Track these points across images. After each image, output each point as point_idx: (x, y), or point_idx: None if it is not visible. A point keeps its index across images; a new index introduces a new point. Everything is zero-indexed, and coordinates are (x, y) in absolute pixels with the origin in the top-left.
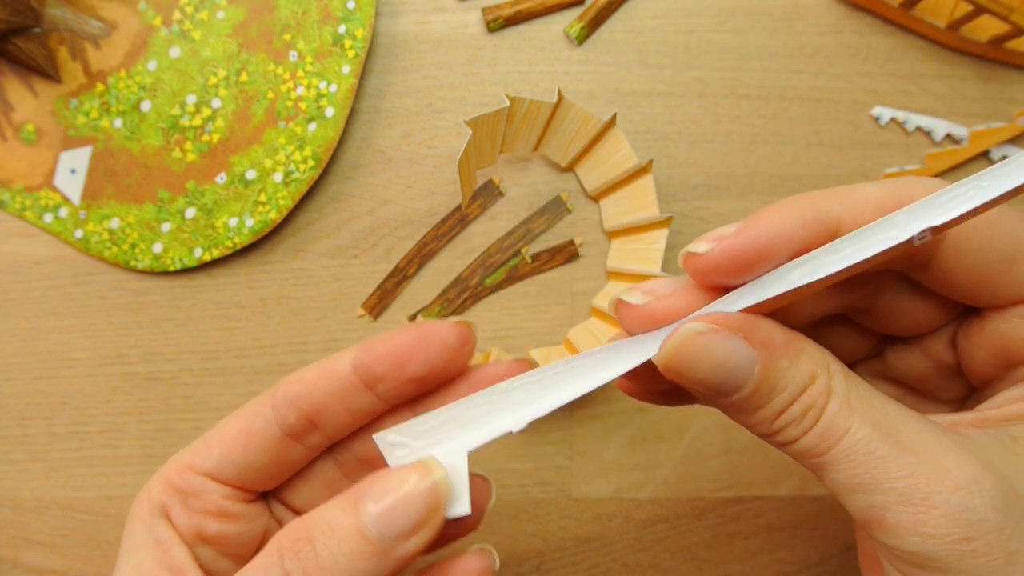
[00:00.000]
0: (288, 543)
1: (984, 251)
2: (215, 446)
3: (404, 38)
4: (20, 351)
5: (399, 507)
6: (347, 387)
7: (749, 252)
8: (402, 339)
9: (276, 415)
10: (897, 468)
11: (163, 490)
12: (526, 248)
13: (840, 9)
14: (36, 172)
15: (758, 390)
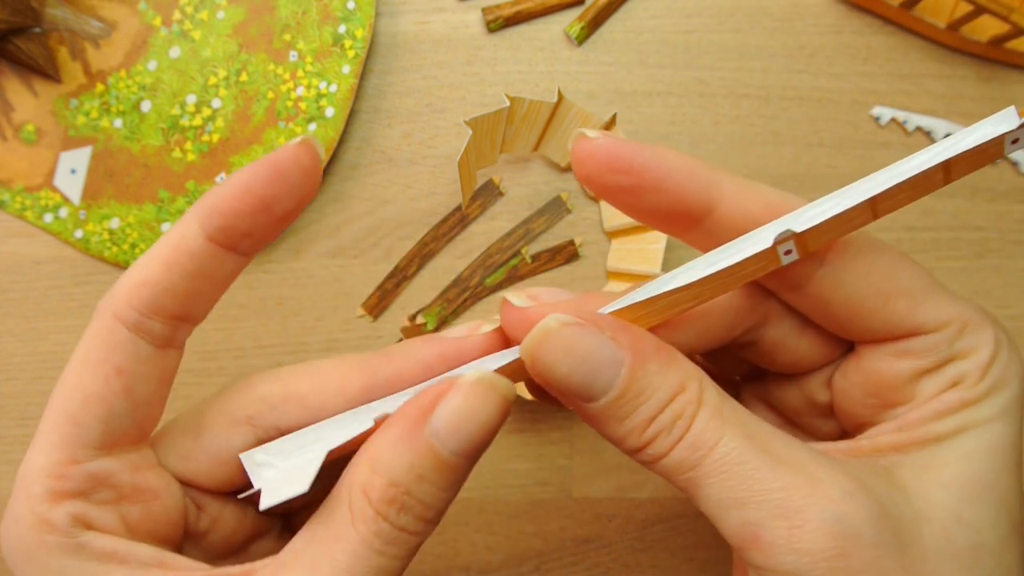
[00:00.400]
0: (384, 503)
1: (860, 285)
2: (81, 412)
3: (404, 38)
4: (20, 351)
5: (474, 431)
6: (208, 262)
7: (628, 157)
8: (255, 179)
9: (138, 332)
10: (771, 480)
11: (59, 504)
12: (526, 248)
13: (840, 9)
14: (36, 172)
15: (624, 394)
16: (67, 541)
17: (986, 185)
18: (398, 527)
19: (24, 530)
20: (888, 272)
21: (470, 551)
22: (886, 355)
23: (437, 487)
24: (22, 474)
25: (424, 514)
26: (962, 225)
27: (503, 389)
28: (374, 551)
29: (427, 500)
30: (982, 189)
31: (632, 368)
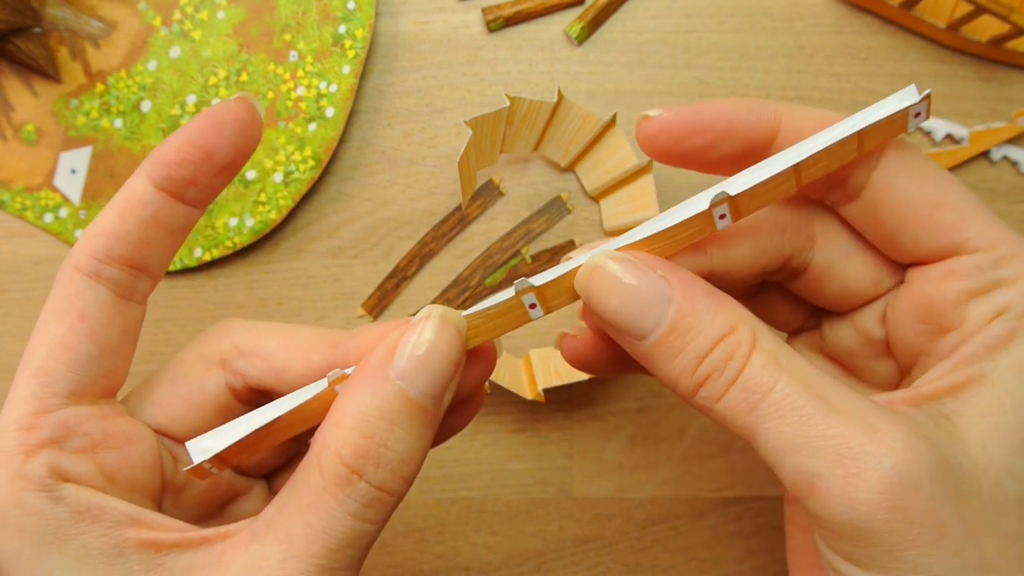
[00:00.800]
0: (359, 460)
1: (911, 189)
2: (49, 361)
3: (404, 38)
4: (21, 351)
5: (438, 365)
6: (158, 210)
7: (696, 120)
8: (195, 132)
9: (98, 279)
10: (828, 427)
11: (33, 457)
12: (526, 248)
13: (840, 9)
14: (36, 172)
15: (673, 330)
16: (44, 495)
17: (986, 185)
18: (375, 485)
19: (2, 488)
20: (937, 183)
21: (470, 551)
22: (933, 277)
23: (412, 434)
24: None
25: (401, 469)
26: None
27: (455, 320)
28: (351, 515)
29: (402, 449)
30: (982, 189)
31: (680, 305)
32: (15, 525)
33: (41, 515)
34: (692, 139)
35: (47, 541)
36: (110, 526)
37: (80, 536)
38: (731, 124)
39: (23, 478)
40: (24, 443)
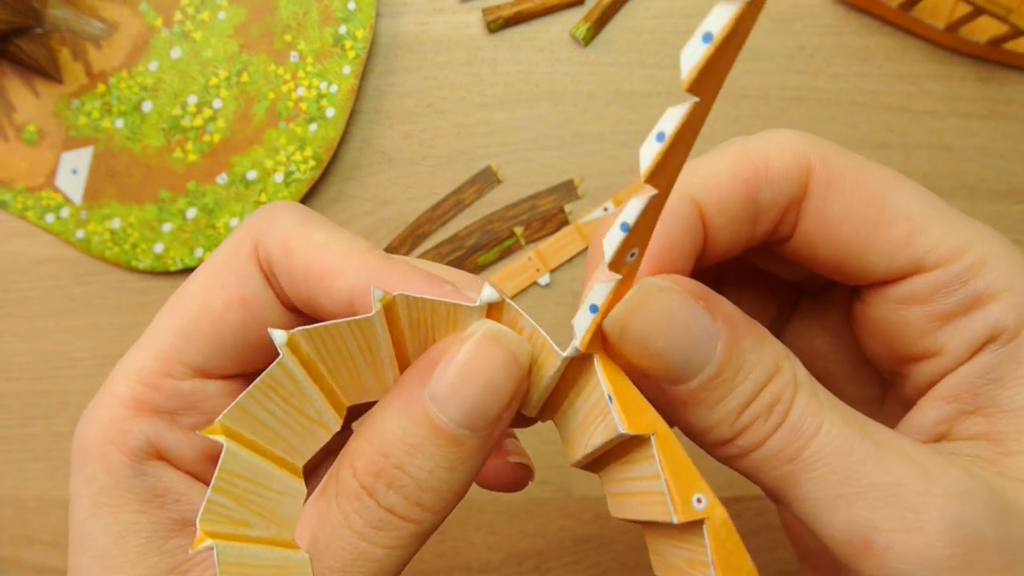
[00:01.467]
0: (370, 477)
1: (846, 215)
2: (196, 331)
3: (405, 39)
4: (22, 351)
5: (475, 393)
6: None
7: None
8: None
9: (272, 286)
10: (881, 473)
11: (138, 418)
12: (520, 228)
13: (839, 10)
14: (38, 172)
15: (721, 373)
16: (130, 463)
17: (985, 185)
18: (385, 507)
19: (96, 430)
20: (877, 195)
21: (470, 550)
22: (891, 301)
23: (435, 463)
24: (117, 367)
25: (418, 496)
26: None
27: (511, 345)
28: (355, 533)
29: (421, 478)
30: (981, 189)
31: (728, 344)
32: (90, 471)
33: (115, 477)
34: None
35: (105, 502)
36: (169, 522)
37: (134, 515)
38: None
39: (120, 434)
40: (137, 398)
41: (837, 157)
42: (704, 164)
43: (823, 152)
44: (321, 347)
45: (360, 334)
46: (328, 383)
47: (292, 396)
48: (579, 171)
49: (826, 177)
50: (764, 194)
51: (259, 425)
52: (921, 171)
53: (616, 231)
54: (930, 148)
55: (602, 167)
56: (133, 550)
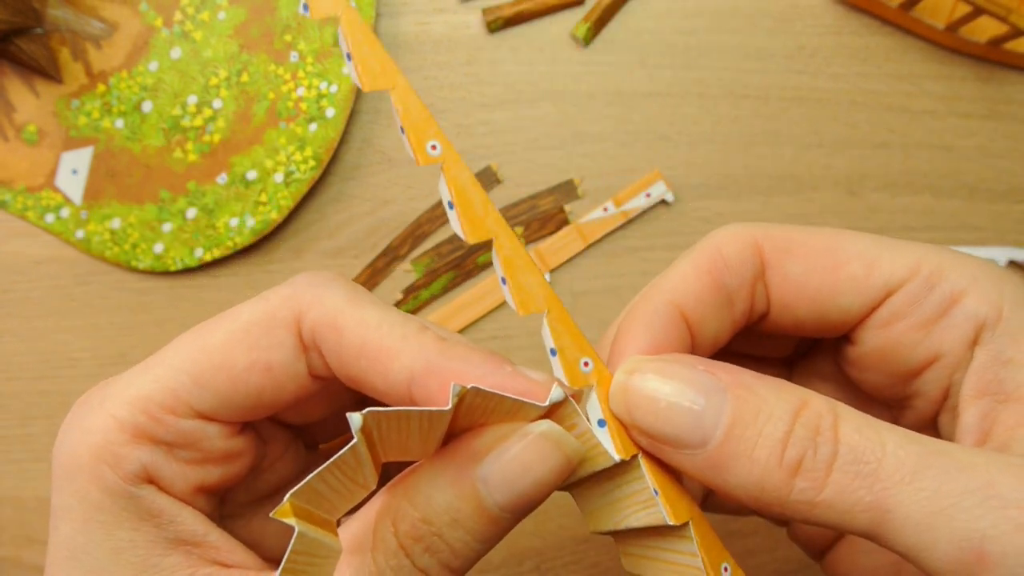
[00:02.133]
0: (410, 539)
1: (806, 273)
2: (211, 380)
3: (405, 39)
4: (22, 351)
5: (526, 487)
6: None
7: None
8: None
9: (305, 354)
10: (968, 478)
11: (136, 447)
12: (520, 228)
13: (839, 10)
14: (38, 172)
15: (738, 420)
16: (123, 483)
17: (985, 185)
18: (419, 568)
19: (90, 449)
20: (827, 246)
21: None
22: (874, 329)
23: (472, 536)
24: (120, 384)
25: (450, 562)
26: (961, 225)
27: (569, 449)
28: None
29: (457, 547)
30: (981, 189)
31: (736, 393)
32: (82, 486)
33: (109, 495)
34: None
35: (99, 518)
36: (164, 540)
37: (130, 533)
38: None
39: (116, 457)
40: (138, 426)
41: (779, 230)
42: (672, 271)
43: (765, 230)
44: (384, 425)
45: (428, 421)
46: (376, 449)
47: (351, 470)
48: (579, 171)
49: (775, 246)
50: (729, 279)
51: (317, 497)
52: (921, 171)
53: (551, 358)
54: (930, 148)
55: (602, 167)
56: (129, 566)
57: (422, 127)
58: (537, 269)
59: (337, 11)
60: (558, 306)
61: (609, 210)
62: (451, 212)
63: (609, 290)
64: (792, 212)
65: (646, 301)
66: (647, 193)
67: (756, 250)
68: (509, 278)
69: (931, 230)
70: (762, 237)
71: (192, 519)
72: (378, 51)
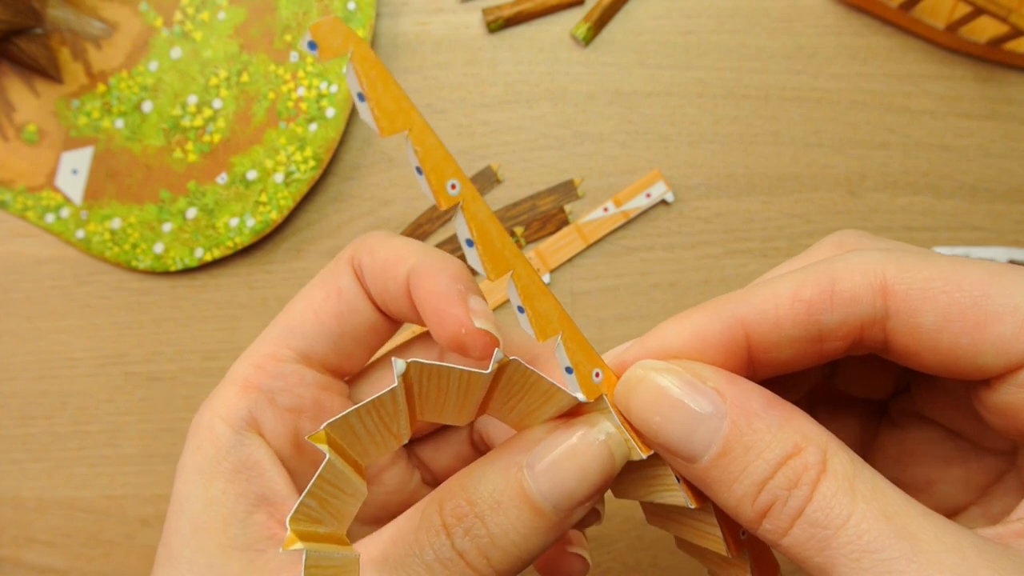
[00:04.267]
0: (453, 518)
1: (942, 324)
2: (300, 321)
3: (405, 39)
4: (22, 351)
5: (569, 476)
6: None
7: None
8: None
9: (363, 288)
10: (913, 572)
11: (244, 395)
12: (520, 228)
13: (839, 10)
14: (38, 172)
15: (727, 452)
16: (231, 433)
17: (985, 185)
18: (457, 549)
19: (211, 407)
20: (976, 295)
21: None
22: (1011, 386)
23: (512, 525)
24: (239, 359)
25: (488, 550)
26: (962, 225)
27: (615, 449)
28: (423, 563)
29: (496, 533)
30: (981, 189)
31: (735, 421)
32: (199, 441)
33: (217, 446)
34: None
35: (204, 469)
36: (252, 496)
37: (224, 484)
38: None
39: (227, 408)
40: (247, 378)
41: (918, 269)
42: (766, 286)
43: (901, 268)
44: (426, 379)
45: (467, 382)
46: (414, 403)
47: (388, 415)
48: (579, 171)
49: (909, 292)
50: (827, 317)
51: (351, 434)
52: (921, 171)
53: (566, 375)
54: (930, 148)
55: (602, 167)
56: (219, 517)
57: (442, 167)
58: (550, 293)
59: (347, 49)
60: (570, 326)
61: (609, 210)
62: (470, 250)
63: (609, 290)
64: (792, 212)
65: (712, 308)
66: (647, 193)
67: (878, 293)
68: (528, 307)
69: (931, 230)
70: (895, 279)
71: (280, 478)
72: (393, 88)
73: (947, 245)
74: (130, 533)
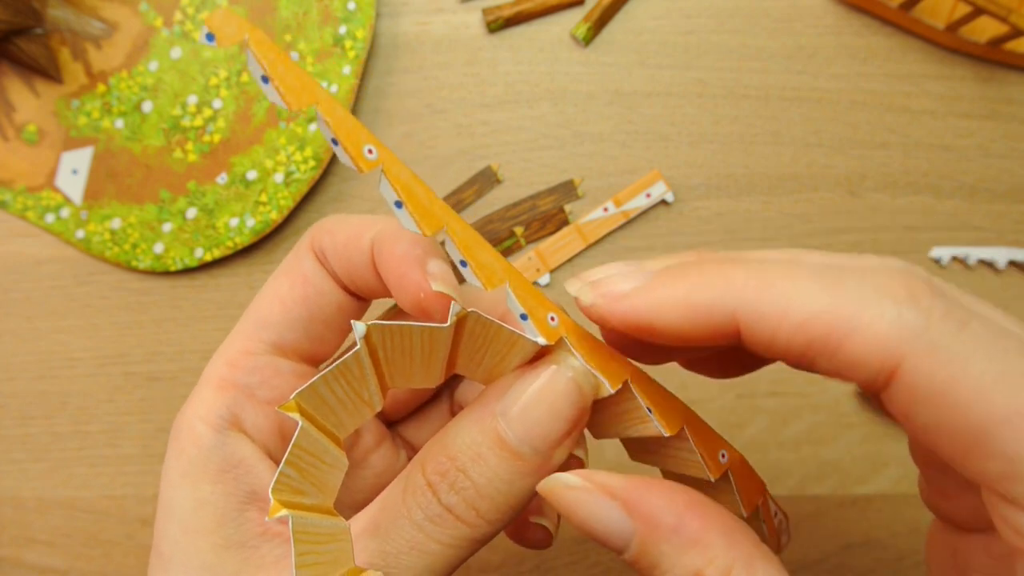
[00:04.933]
0: (436, 476)
1: (942, 426)
2: (268, 313)
3: (405, 39)
4: (22, 351)
5: (541, 415)
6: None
7: (638, 325)
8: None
9: (327, 270)
10: None
11: (222, 394)
12: (520, 229)
13: (839, 10)
14: (38, 172)
15: (639, 561)
16: (212, 433)
17: (985, 185)
18: (444, 504)
19: (190, 410)
20: (987, 386)
21: None
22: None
23: (495, 473)
24: (212, 358)
25: (476, 501)
26: (962, 225)
27: (583, 383)
28: (414, 524)
29: (481, 484)
30: (981, 189)
31: (642, 541)
32: (181, 445)
33: (199, 447)
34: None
35: (189, 472)
36: (241, 494)
37: (212, 486)
38: (680, 323)
39: (207, 409)
40: (223, 377)
41: (937, 350)
42: (784, 285)
43: (920, 346)
44: (388, 340)
45: (428, 338)
46: (382, 368)
47: (356, 380)
48: (579, 171)
49: (914, 383)
50: (821, 361)
51: (322, 403)
52: (921, 171)
53: (522, 322)
54: (930, 148)
55: (602, 167)
56: (210, 518)
57: (355, 134)
58: (489, 245)
59: (243, 36)
60: (516, 274)
61: (609, 210)
62: (400, 211)
63: None
64: (792, 212)
65: (709, 286)
66: (647, 193)
67: (886, 369)
68: (469, 259)
69: (931, 230)
70: (910, 369)
71: (269, 474)
72: (293, 67)
73: (947, 245)
74: (130, 533)
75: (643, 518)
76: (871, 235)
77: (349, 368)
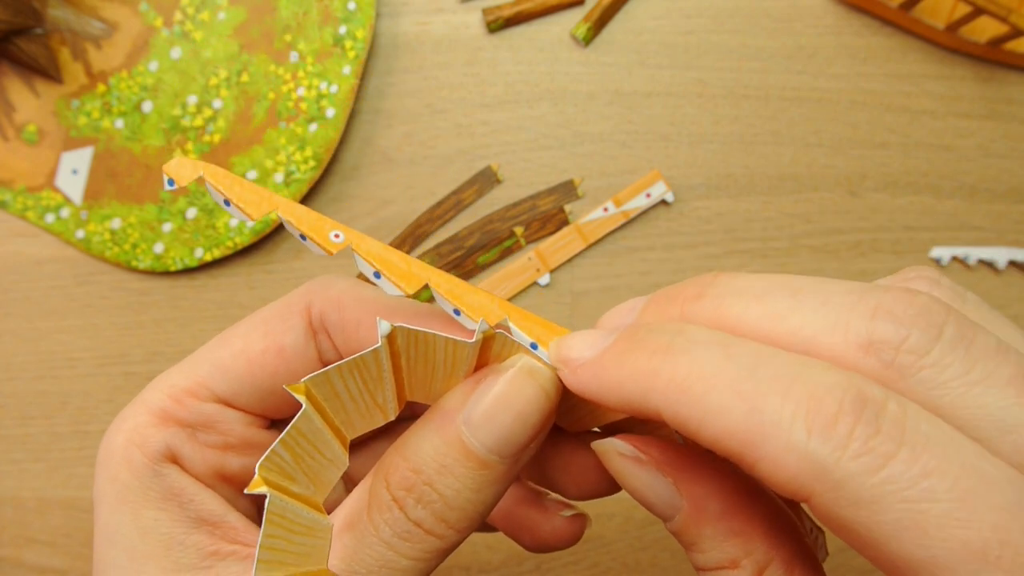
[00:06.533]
0: (402, 490)
1: (857, 543)
2: (231, 366)
3: (405, 39)
4: (22, 351)
5: (507, 420)
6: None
7: (594, 397)
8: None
9: (314, 340)
10: None
11: (162, 427)
12: (520, 229)
13: (839, 10)
14: (38, 172)
15: (681, 535)
16: (148, 463)
17: (985, 185)
18: (413, 520)
19: (123, 434)
20: (897, 534)
21: (470, 550)
22: None
23: (463, 484)
24: (154, 380)
25: (444, 513)
26: (961, 225)
27: (543, 380)
28: (382, 541)
29: (448, 496)
30: (981, 189)
31: (686, 520)
32: (114, 470)
33: (136, 476)
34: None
35: (128, 499)
36: (187, 520)
37: (156, 512)
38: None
39: (143, 438)
40: (164, 409)
41: (842, 492)
42: (702, 402)
43: (826, 486)
44: (413, 347)
45: (452, 352)
46: (403, 376)
47: (372, 380)
48: (579, 171)
49: (825, 515)
50: (745, 469)
51: (333, 395)
52: (921, 171)
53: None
54: (930, 148)
55: (602, 167)
56: (158, 544)
57: (318, 225)
58: (476, 288)
59: (197, 173)
60: (512, 308)
61: (609, 210)
62: (380, 280)
63: (609, 290)
64: (792, 212)
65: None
66: (647, 193)
67: (800, 490)
68: (461, 306)
69: (931, 230)
70: (817, 488)
71: (212, 500)
72: (248, 186)
73: (947, 245)
74: None
75: (692, 499)
76: (871, 235)
77: (366, 364)
